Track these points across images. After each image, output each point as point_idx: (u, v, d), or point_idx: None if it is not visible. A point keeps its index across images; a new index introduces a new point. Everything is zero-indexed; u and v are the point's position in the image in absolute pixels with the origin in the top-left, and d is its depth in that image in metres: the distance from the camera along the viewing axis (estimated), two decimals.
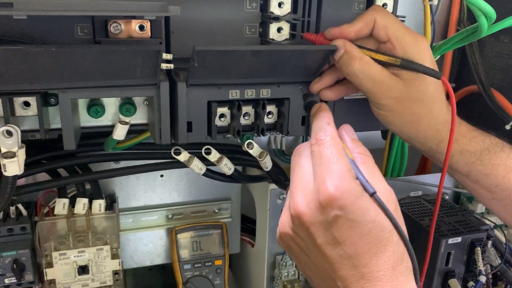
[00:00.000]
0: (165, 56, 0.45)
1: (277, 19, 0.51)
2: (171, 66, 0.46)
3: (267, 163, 0.56)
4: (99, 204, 0.64)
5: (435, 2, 0.57)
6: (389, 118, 0.50)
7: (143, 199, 0.73)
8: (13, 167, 0.44)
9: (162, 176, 0.73)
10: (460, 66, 0.78)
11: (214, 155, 0.56)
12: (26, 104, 0.46)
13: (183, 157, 0.57)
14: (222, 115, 0.51)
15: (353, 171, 0.39)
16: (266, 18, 0.52)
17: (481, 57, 0.73)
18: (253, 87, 0.51)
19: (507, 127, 0.68)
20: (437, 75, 0.48)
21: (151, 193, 0.73)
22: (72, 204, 0.63)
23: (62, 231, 0.62)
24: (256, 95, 0.51)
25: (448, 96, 0.50)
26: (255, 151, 0.53)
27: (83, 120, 0.49)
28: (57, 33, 0.44)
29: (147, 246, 0.75)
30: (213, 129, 0.51)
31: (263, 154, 0.54)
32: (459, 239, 0.64)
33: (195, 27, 0.51)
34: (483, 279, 0.65)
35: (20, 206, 0.61)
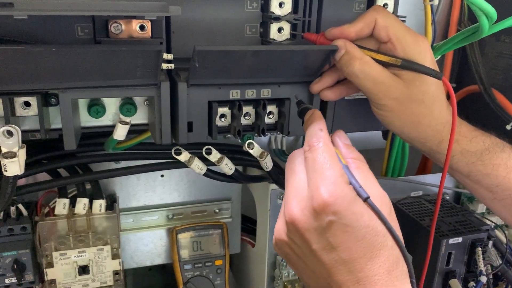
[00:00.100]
0: (165, 56, 0.45)
1: (277, 19, 0.51)
2: (172, 66, 0.46)
3: (267, 163, 0.56)
4: (99, 204, 0.64)
5: (435, 2, 0.57)
6: (389, 119, 0.50)
7: (144, 199, 0.73)
8: (14, 167, 0.44)
9: (162, 176, 0.73)
10: (460, 66, 0.78)
11: (214, 155, 0.56)
12: (27, 104, 0.46)
13: (184, 157, 0.57)
14: (222, 115, 0.51)
15: (346, 176, 0.39)
16: (267, 18, 0.52)
17: (481, 57, 0.73)
18: (253, 87, 0.51)
19: (507, 127, 0.68)
20: (437, 75, 0.48)
21: (151, 193, 0.73)
22: (73, 204, 0.63)
23: (63, 231, 0.62)
24: (256, 95, 0.51)
25: (448, 97, 0.50)
26: (255, 151, 0.53)
27: (84, 120, 0.49)
28: (58, 33, 0.44)
29: (147, 246, 0.75)
30: (214, 129, 0.51)
31: (263, 154, 0.54)
32: (459, 239, 0.64)
33: (195, 27, 0.51)
34: (483, 279, 0.65)
35: (20, 206, 0.61)
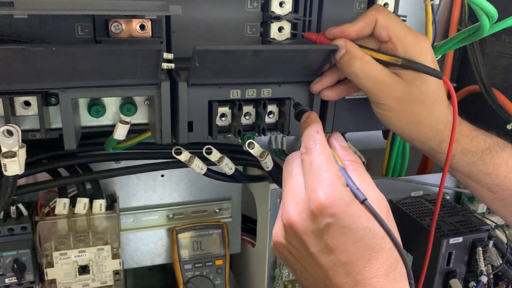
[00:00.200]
0: (166, 55, 0.45)
1: (278, 18, 0.51)
2: (172, 65, 0.46)
3: (268, 163, 0.56)
4: (99, 204, 0.64)
5: (436, 1, 0.57)
6: (390, 118, 0.50)
7: (144, 199, 0.73)
8: (14, 167, 0.44)
9: (162, 176, 0.73)
10: (461, 66, 0.78)
11: (215, 155, 0.56)
12: (27, 103, 0.46)
13: (184, 157, 0.57)
14: (223, 115, 0.51)
15: (343, 178, 0.39)
16: (267, 18, 0.52)
17: (482, 56, 0.73)
18: (254, 87, 0.51)
19: (508, 126, 0.68)
20: (438, 75, 0.47)
21: (151, 193, 0.73)
22: (73, 204, 0.63)
23: (63, 231, 0.62)
24: (257, 94, 0.51)
25: (449, 96, 0.50)
26: (256, 151, 0.53)
27: (84, 119, 0.49)
28: (58, 32, 0.44)
29: (147, 246, 0.75)
30: (214, 128, 0.51)
31: (264, 154, 0.54)
32: (460, 239, 0.64)
33: (196, 26, 0.51)
34: (484, 279, 0.65)
35: (20, 206, 0.61)
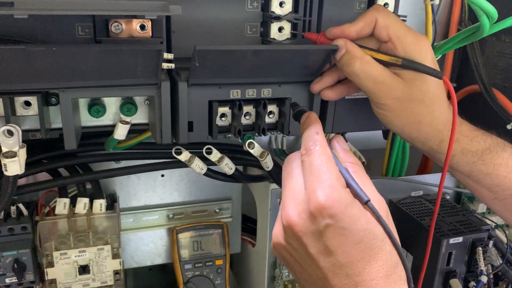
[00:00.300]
0: (166, 55, 0.45)
1: (278, 18, 0.51)
2: (172, 65, 0.46)
3: (268, 163, 0.56)
4: (100, 204, 0.64)
5: (436, 1, 0.57)
6: (390, 118, 0.50)
7: (144, 198, 0.73)
8: (14, 167, 0.44)
9: (163, 175, 0.73)
10: (461, 66, 0.78)
11: (215, 155, 0.56)
12: (27, 103, 0.46)
13: (184, 156, 0.57)
14: (223, 115, 0.51)
15: (342, 179, 0.39)
16: (267, 18, 0.52)
17: (482, 56, 0.73)
18: (254, 87, 0.51)
19: (508, 126, 0.68)
20: (438, 74, 0.47)
21: (151, 192, 0.73)
22: (73, 203, 0.63)
23: (63, 231, 0.62)
24: (257, 94, 0.51)
25: (449, 96, 0.50)
26: (256, 151, 0.53)
27: (84, 119, 0.49)
28: (58, 32, 0.44)
29: (147, 245, 0.75)
30: (214, 128, 0.51)
31: (264, 154, 0.54)
32: (460, 239, 0.64)
33: (196, 26, 0.51)
34: (484, 279, 0.65)
35: (21, 206, 0.61)
